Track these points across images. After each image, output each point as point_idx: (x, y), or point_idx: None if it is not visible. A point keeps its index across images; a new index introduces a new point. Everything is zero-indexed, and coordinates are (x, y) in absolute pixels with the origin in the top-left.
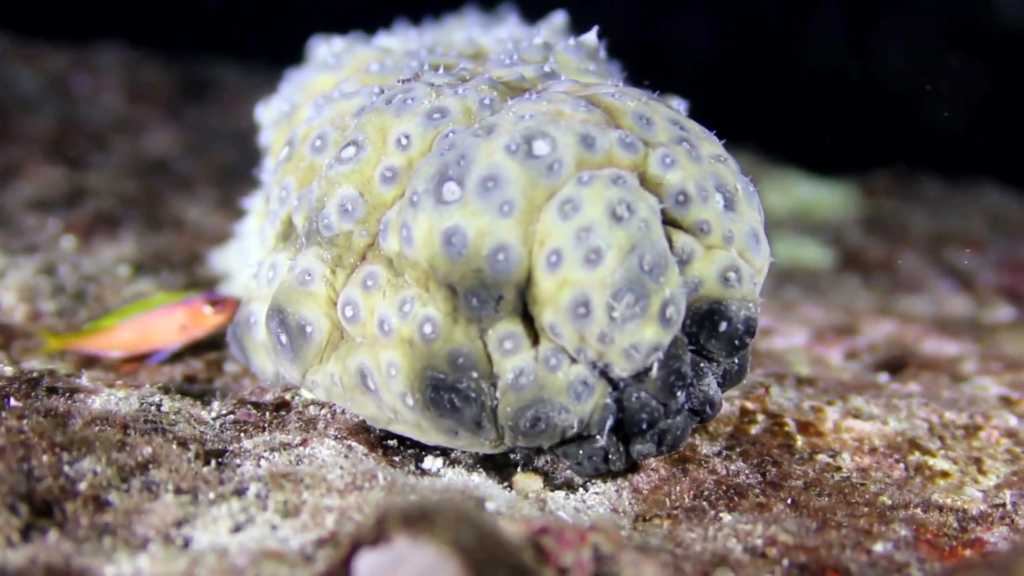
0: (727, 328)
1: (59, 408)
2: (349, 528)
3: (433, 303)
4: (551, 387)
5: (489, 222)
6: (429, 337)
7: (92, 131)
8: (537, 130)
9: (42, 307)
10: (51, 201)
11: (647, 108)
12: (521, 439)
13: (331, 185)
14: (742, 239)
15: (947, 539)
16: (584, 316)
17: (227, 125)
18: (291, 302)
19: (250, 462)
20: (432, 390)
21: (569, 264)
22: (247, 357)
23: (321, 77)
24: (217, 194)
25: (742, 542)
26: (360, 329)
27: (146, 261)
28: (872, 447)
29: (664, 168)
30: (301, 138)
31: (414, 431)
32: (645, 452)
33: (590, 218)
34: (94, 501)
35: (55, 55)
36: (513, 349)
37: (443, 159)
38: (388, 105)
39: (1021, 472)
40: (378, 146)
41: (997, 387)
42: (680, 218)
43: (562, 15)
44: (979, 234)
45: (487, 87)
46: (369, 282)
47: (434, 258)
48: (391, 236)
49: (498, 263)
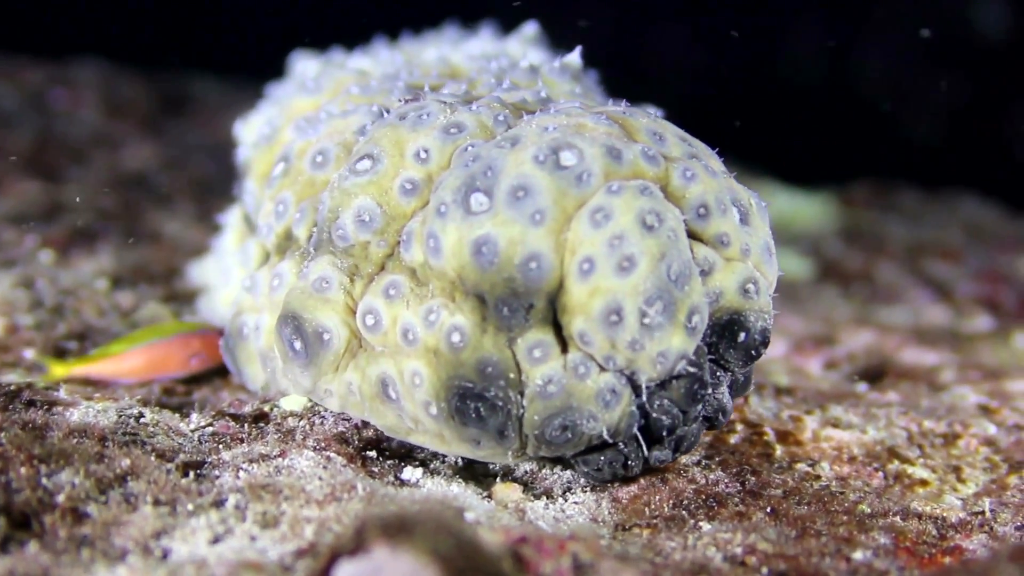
0: (745, 339)
1: (37, 420)
2: (328, 538)
3: (460, 312)
4: (580, 395)
5: (521, 231)
6: (457, 346)
7: (70, 146)
8: (563, 141)
9: (20, 321)
10: (29, 216)
11: (658, 125)
12: (544, 448)
13: (346, 196)
14: (757, 252)
15: (926, 547)
16: (616, 323)
17: (205, 139)
18: (307, 309)
19: (229, 473)
20: (458, 399)
21: (602, 272)
22: (238, 367)
23: (300, 100)
24: (195, 208)
25: (722, 551)
26: (381, 338)
27: (124, 275)
28: (851, 456)
29: (685, 181)
30: (298, 154)
31: (435, 441)
32: (662, 458)
33: (622, 227)
34: (72, 513)
35: (33, 70)
36: (542, 357)
37: (469, 170)
38: (402, 120)
39: (1000, 480)
40: (395, 159)
41: (976, 396)
42: (700, 231)
43: (533, 26)
44: (957, 244)
45: (498, 104)
46: (392, 291)
47: (463, 268)
48: (415, 247)
49: (531, 271)
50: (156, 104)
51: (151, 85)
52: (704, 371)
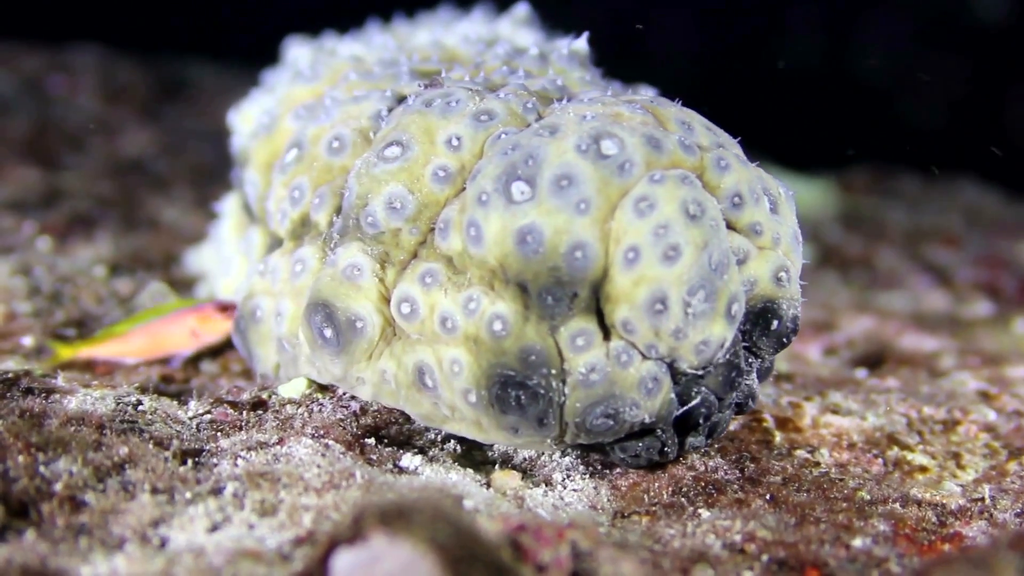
0: (778, 326)
1: (35, 408)
2: (326, 527)
3: (502, 301)
4: (623, 383)
5: (566, 220)
6: (499, 334)
7: (68, 132)
8: (604, 130)
9: (18, 308)
10: (27, 202)
11: (685, 114)
12: (584, 436)
13: (376, 183)
14: (787, 241)
15: (926, 534)
16: (661, 312)
17: (203, 125)
18: (339, 296)
19: (227, 461)
20: (499, 387)
21: (647, 261)
22: (249, 348)
23: (298, 89)
24: (193, 194)
25: (721, 538)
26: (418, 326)
27: (122, 262)
28: (850, 442)
29: (720, 171)
30: (312, 140)
31: (472, 429)
32: (697, 444)
33: (667, 216)
34: (70, 501)
35: (31, 56)
36: (585, 346)
37: (509, 159)
38: (429, 107)
39: (999, 467)
40: (425, 146)
41: (975, 382)
42: (735, 220)
43: (524, 7)
44: (957, 230)
45: (525, 92)
46: (428, 279)
47: (506, 256)
48: (453, 235)
49: (576, 261)
50: (154, 90)
51: (149, 71)
52: (740, 359)
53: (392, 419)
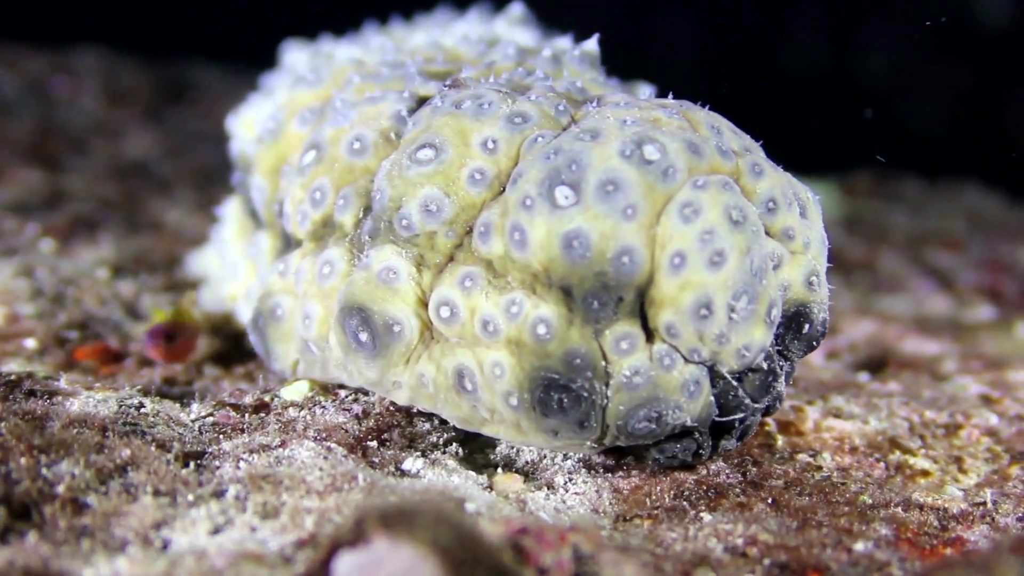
0: (809, 329)
1: (37, 411)
2: (329, 529)
3: (545, 304)
4: (666, 385)
5: (613, 225)
6: (543, 338)
7: (71, 134)
8: (646, 135)
9: (20, 310)
10: (30, 204)
11: (713, 118)
12: (623, 438)
13: (411, 186)
14: (816, 245)
15: (927, 538)
16: (706, 317)
17: (206, 127)
18: (375, 300)
19: (229, 464)
20: (542, 390)
21: (693, 266)
22: (267, 346)
23: (301, 93)
24: (196, 196)
25: (723, 542)
26: (458, 329)
27: (125, 264)
28: (852, 446)
29: (755, 176)
30: (331, 141)
31: (511, 431)
32: (729, 447)
33: (712, 221)
34: (72, 503)
35: (34, 58)
36: (629, 349)
37: (552, 163)
38: (460, 109)
39: (1001, 471)
40: (460, 148)
41: (977, 386)
42: (769, 224)
43: (519, 7)
44: (959, 234)
45: (554, 94)
46: (468, 283)
47: (552, 261)
48: (494, 239)
49: (623, 266)
50: (157, 92)
51: (152, 73)
52: (775, 362)
53: (394, 422)
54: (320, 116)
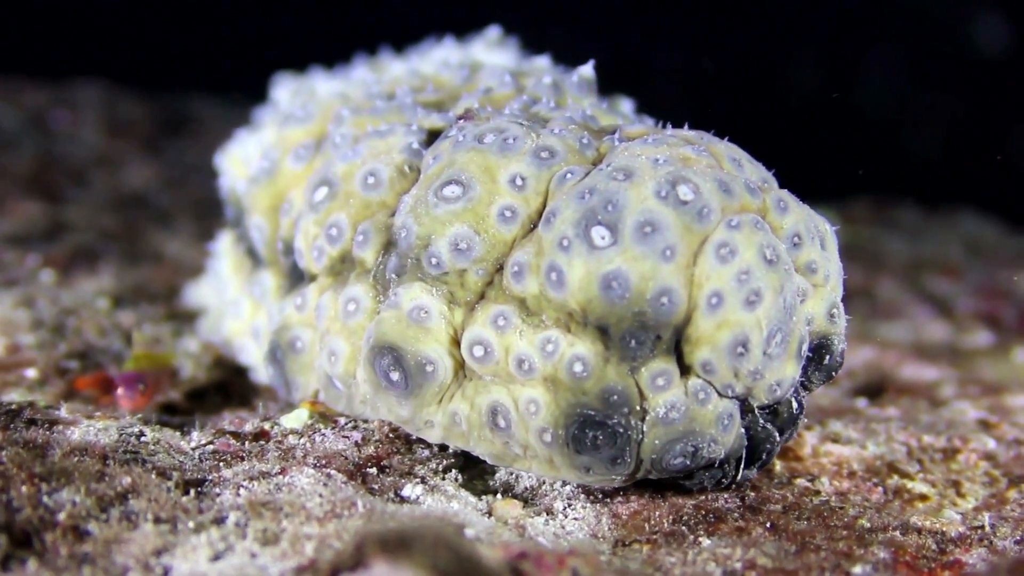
0: (830, 360)
1: (38, 439)
2: (328, 555)
3: (581, 343)
4: (701, 420)
5: (652, 267)
6: (580, 376)
7: (71, 166)
8: (679, 175)
9: (21, 340)
10: (30, 236)
11: (733, 151)
12: (656, 472)
13: (439, 224)
14: (835, 277)
15: (926, 561)
16: (742, 355)
17: (205, 159)
18: (408, 340)
19: (229, 491)
20: (578, 427)
21: (731, 306)
22: (287, 377)
23: (292, 130)
24: (196, 227)
25: (721, 566)
26: (492, 368)
27: (125, 294)
28: (851, 471)
29: (781, 212)
30: (343, 176)
31: (543, 467)
32: (750, 476)
33: (748, 262)
34: (73, 531)
35: (34, 91)
36: (665, 385)
37: (587, 204)
38: (483, 144)
39: (999, 495)
40: (488, 185)
41: (975, 411)
42: (794, 259)
43: (496, 30)
44: (957, 261)
45: (575, 127)
46: (501, 321)
47: (590, 301)
48: (529, 278)
49: (662, 306)
50: (156, 124)
51: (151, 105)
52: (800, 395)
53: (394, 449)
54: (316, 152)
